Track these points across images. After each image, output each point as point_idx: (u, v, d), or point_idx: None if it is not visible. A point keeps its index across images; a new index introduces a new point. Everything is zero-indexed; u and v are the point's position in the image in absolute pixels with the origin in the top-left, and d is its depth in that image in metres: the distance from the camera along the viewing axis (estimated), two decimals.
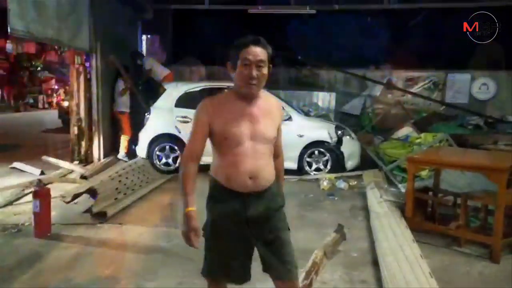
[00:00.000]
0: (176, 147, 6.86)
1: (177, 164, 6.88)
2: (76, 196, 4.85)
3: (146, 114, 7.07)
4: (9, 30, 5.15)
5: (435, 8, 9.07)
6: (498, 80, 9.03)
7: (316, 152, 6.77)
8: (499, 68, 9.07)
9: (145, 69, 8.29)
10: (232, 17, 10.05)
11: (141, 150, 7.01)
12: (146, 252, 3.81)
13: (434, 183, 4.68)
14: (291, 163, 6.50)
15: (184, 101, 6.95)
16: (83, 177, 6.09)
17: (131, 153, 7.39)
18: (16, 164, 7.08)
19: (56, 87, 30.02)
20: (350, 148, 6.84)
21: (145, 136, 6.97)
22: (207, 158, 2.06)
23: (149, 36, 10.44)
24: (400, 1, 9.38)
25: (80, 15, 6.88)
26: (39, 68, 27.35)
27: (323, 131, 6.78)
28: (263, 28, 9.35)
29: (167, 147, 6.90)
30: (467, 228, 4.05)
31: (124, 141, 7.61)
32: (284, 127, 2.29)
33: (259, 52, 1.94)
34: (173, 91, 7.14)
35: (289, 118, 6.67)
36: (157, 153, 6.90)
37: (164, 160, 6.90)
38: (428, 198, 4.65)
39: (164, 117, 6.96)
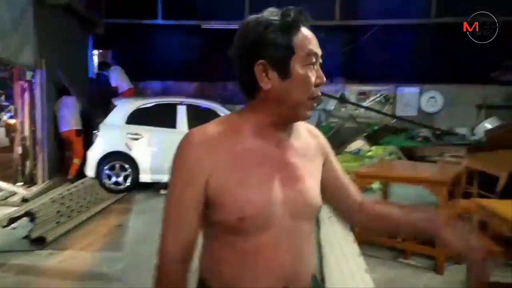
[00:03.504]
0: (126, 166, 6.65)
1: (127, 183, 6.67)
2: (12, 220, 4.57)
3: (94, 131, 6.81)
4: None
5: (386, 24, 9.40)
6: (445, 93, 9.39)
7: None
8: (445, 81, 9.41)
9: (111, 85, 8.49)
10: (187, 32, 10.01)
11: (90, 169, 6.70)
12: (87, 279, 3.61)
13: (383, 196, 4.76)
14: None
15: (136, 118, 6.76)
16: (25, 200, 5.76)
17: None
18: None
19: (6, 103, 28.64)
20: None
21: (93, 155, 6.70)
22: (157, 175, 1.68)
23: (100, 51, 10.17)
24: (351, 17, 9.68)
25: (24, 31, 6.57)
26: None
27: None
28: (220, 42, 9.30)
29: (117, 165, 6.65)
30: (413, 241, 4.12)
31: (75, 164, 7.16)
32: None
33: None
34: (124, 107, 6.93)
35: None
36: (107, 172, 6.65)
37: (114, 179, 6.65)
38: None
39: (114, 134, 6.72)
